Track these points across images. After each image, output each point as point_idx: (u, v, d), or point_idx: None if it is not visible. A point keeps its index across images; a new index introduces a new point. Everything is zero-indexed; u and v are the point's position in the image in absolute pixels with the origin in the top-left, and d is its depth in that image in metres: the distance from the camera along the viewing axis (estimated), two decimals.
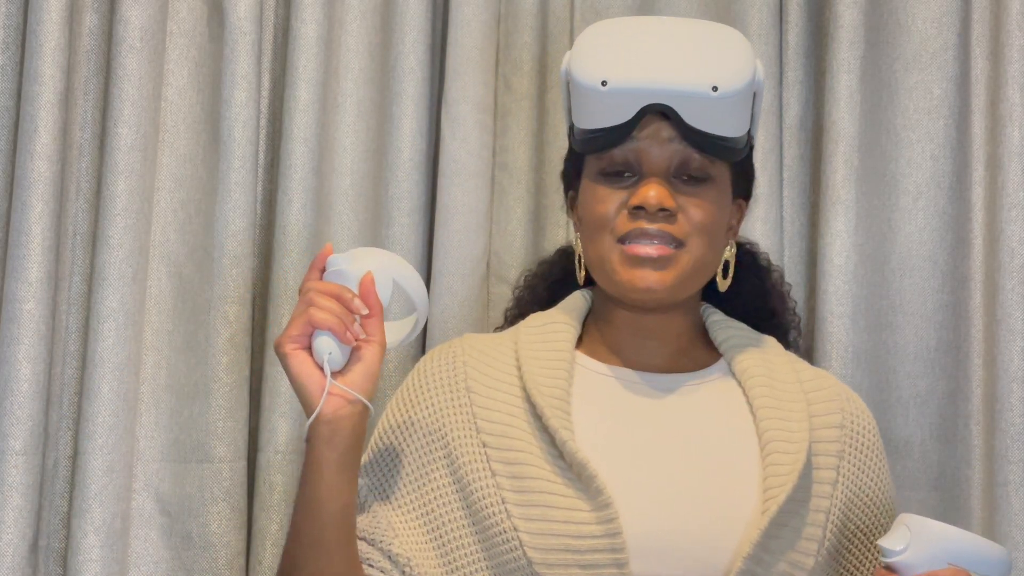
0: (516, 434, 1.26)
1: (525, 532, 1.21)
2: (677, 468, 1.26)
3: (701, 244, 1.30)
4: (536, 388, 1.27)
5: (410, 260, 1.69)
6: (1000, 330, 1.61)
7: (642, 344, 1.36)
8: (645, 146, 1.29)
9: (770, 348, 1.38)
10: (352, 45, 1.70)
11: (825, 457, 1.30)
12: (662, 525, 1.22)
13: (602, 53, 1.30)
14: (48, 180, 1.52)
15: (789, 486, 1.23)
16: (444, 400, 1.31)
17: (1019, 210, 1.62)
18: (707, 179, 1.31)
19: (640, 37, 1.32)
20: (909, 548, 1.18)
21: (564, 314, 1.38)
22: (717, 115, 1.29)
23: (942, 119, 1.68)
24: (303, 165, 1.64)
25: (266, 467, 1.62)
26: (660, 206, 1.27)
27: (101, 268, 1.55)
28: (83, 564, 1.51)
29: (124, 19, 1.58)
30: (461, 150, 1.70)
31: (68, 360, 1.59)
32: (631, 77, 1.28)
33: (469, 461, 1.27)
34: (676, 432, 1.29)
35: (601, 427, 1.28)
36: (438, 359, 1.35)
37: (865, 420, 1.37)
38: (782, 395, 1.31)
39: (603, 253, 1.30)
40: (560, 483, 1.22)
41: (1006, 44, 1.65)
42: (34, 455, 1.50)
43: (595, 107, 1.30)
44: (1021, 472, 1.58)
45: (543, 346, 1.33)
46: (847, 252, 1.67)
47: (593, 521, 1.20)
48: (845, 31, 1.68)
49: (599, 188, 1.31)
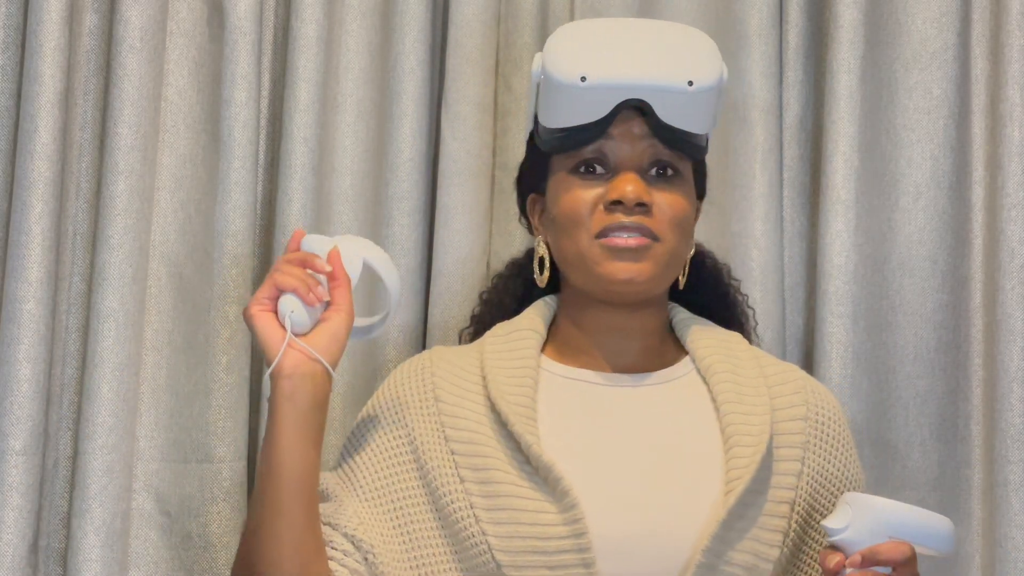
0: (483, 440, 1.28)
1: (493, 536, 1.23)
2: (641, 467, 1.28)
3: (675, 238, 1.33)
4: (501, 396, 1.30)
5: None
6: (1000, 330, 1.61)
7: (612, 343, 1.37)
8: (618, 143, 1.33)
9: (735, 344, 1.40)
10: (352, 45, 1.70)
11: (789, 449, 1.31)
12: (627, 524, 1.24)
13: (580, 51, 1.34)
14: (48, 180, 1.52)
15: (747, 477, 1.25)
16: (413, 407, 1.34)
17: (1019, 210, 1.62)
18: (676, 174, 1.35)
19: (616, 36, 1.36)
20: (851, 525, 1.20)
21: (529, 320, 1.40)
22: (689, 111, 1.33)
23: (942, 119, 1.68)
24: (303, 165, 1.64)
25: None
26: (638, 200, 1.30)
27: (101, 268, 1.55)
28: (83, 564, 1.51)
29: (124, 19, 1.58)
30: (461, 150, 1.70)
31: (68, 360, 1.59)
32: (610, 73, 1.32)
33: (437, 466, 1.29)
34: (641, 431, 1.31)
35: (567, 430, 1.30)
36: (408, 370, 1.38)
37: (830, 410, 1.38)
38: (745, 390, 1.33)
39: (581, 249, 1.33)
40: (527, 487, 1.24)
41: (1006, 44, 1.65)
42: (34, 455, 1.50)
43: (571, 104, 1.32)
44: (1021, 472, 1.58)
45: (509, 354, 1.36)
46: (847, 252, 1.67)
47: (560, 522, 1.22)
48: (845, 31, 1.68)
49: (572, 185, 1.34)
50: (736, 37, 1.72)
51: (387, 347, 1.68)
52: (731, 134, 1.71)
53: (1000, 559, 1.58)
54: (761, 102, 1.70)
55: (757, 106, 1.70)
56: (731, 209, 1.70)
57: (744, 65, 1.70)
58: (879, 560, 1.19)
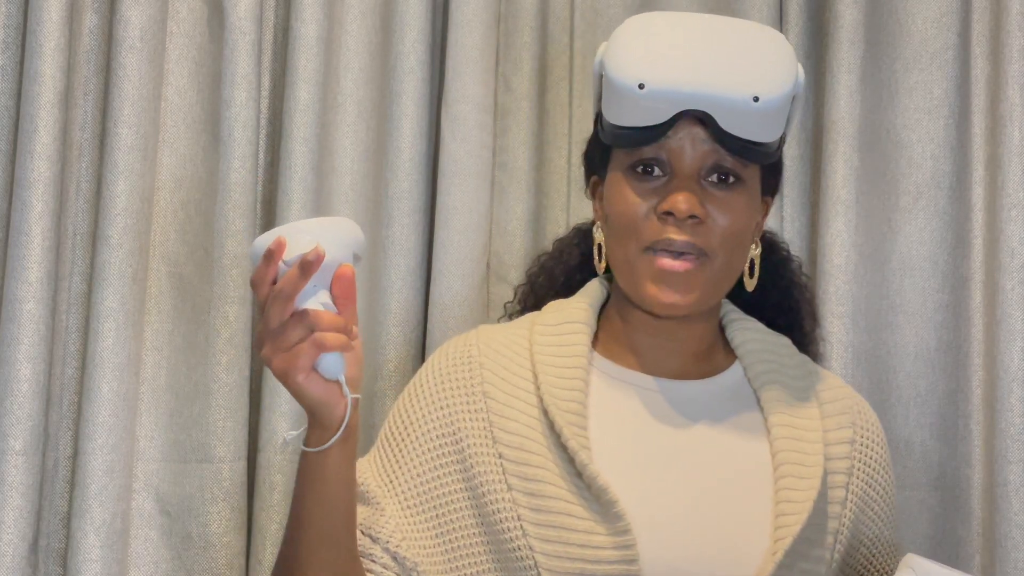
0: (533, 447, 1.24)
1: (541, 553, 1.20)
2: (692, 491, 1.25)
3: (726, 253, 1.27)
4: (553, 403, 1.25)
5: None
6: (1000, 330, 1.61)
7: (659, 346, 1.33)
8: (678, 147, 1.26)
9: (785, 353, 1.36)
10: (352, 45, 1.70)
11: (835, 475, 1.29)
12: (678, 553, 1.21)
13: (640, 53, 1.26)
14: (48, 180, 1.52)
15: (804, 516, 1.22)
16: (460, 402, 1.29)
17: (1019, 210, 1.62)
18: (738, 181, 1.28)
19: (680, 37, 1.28)
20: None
21: (580, 310, 1.35)
22: (755, 123, 1.25)
23: (942, 119, 1.68)
24: (303, 165, 1.64)
25: (266, 467, 1.62)
26: (690, 213, 1.24)
27: (101, 268, 1.55)
28: (83, 564, 1.51)
29: (124, 19, 1.58)
30: (461, 150, 1.70)
31: (68, 360, 1.59)
32: (669, 81, 1.25)
33: (485, 471, 1.25)
34: (692, 452, 1.28)
35: (618, 444, 1.26)
36: (454, 356, 1.32)
37: (874, 433, 1.36)
38: (797, 411, 1.30)
39: (629, 258, 1.28)
40: (578, 504, 1.21)
41: (1006, 44, 1.65)
42: (34, 455, 1.50)
43: (630, 107, 1.26)
44: (1021, 472, 1.58)
45: (559, 350, 1.30)
46: (847, 252, 1.67)
47: (610, 546, 1.19)
48: (845, 31, 1.68)
49: (627, 186, 1.28)
50: None
51: (387, 347, 1.68)
52: None
53: (1000, 559, 1.58)
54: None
55: None
56: None
57: None
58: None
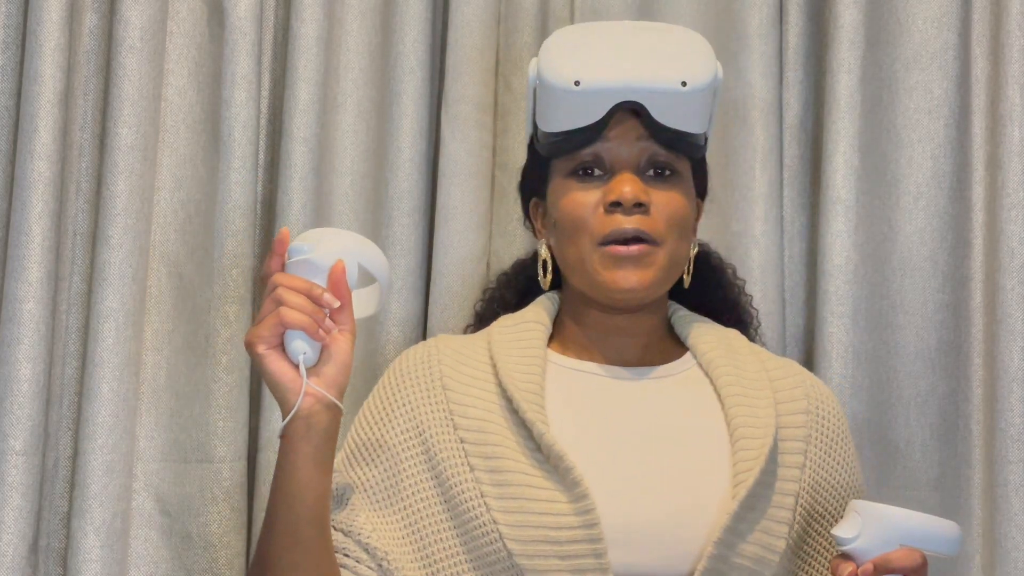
0: (493, 428, 1.29)
1: (505, 525, 1.24)
2: (650, 458, 1.29)
3: (674, 239, 1.35)
4: (511, 382, 1.31)
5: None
6: (1000, 330, 1.61)
7: (613, 340, 1.40)
8: (615, 144, 1.35)
9: (735, 340, 1.43)
10: (352, 45, 1.70)
11: (792, 442, 1.33)
12: (637, 514, 1.25)
13: (573, 55, 1.36)
14: (48, 180, 1.52)
15: (757, 470, 1.27)
16: (420, 397, 1.34)
17: (1019, 210, 1.62)
18: (674, 174, 1.36)
19: (609, 39, 1.38)
20: (861, 535, 1.21)
21: (535, 314, 1.42)
22: (684, 111, 1.34)
23: (942, 119, 1.68)
24: (303, 165, 1.64)
25: (266, 467, 1.62)
26: (636, 200, 1.32)
27: (101, 268, 1.55)
28: (83, 564, 1.51)
29: (124, 19, 1.58)
30: (461, 150, 1.71)
31: (68, 360, 1.59)
32: (603, 76, 1.34)
33: (447, 457, 1.29)
34: (648, 422, 1.33)
35: (575, 420, 1.32)
36: (413, 357, 1.38)
37: (830, 406, 1.41)
38: (748, 384, 1.35)
39: (583, 255, 1.35)
40: (538, 475, 1.25)
41: (1006, 44, 1.65)
42: (34, 455, 1.50)
43: (567, 108, 1.35)
44: (1021, 472, 1.58)
45: (516, 343, 1.37)
46: (847, 252, 1.67)
47: (571, 512, 1.23)
48: (845, 31, 1.68)
49: (572, 189, 1.36)
50: (736, 37, 1.72)
51: (387, 347, 1.68)
52: (731, 134, 1.71)
53: (1000, 559, 1.58)
54: (761, 102, 1.70)
55: (757, 106, 1.70)
56: (731, 209, 1.70)
57: (744, 65, 1.71)
58: (892, 568, 1.19)
